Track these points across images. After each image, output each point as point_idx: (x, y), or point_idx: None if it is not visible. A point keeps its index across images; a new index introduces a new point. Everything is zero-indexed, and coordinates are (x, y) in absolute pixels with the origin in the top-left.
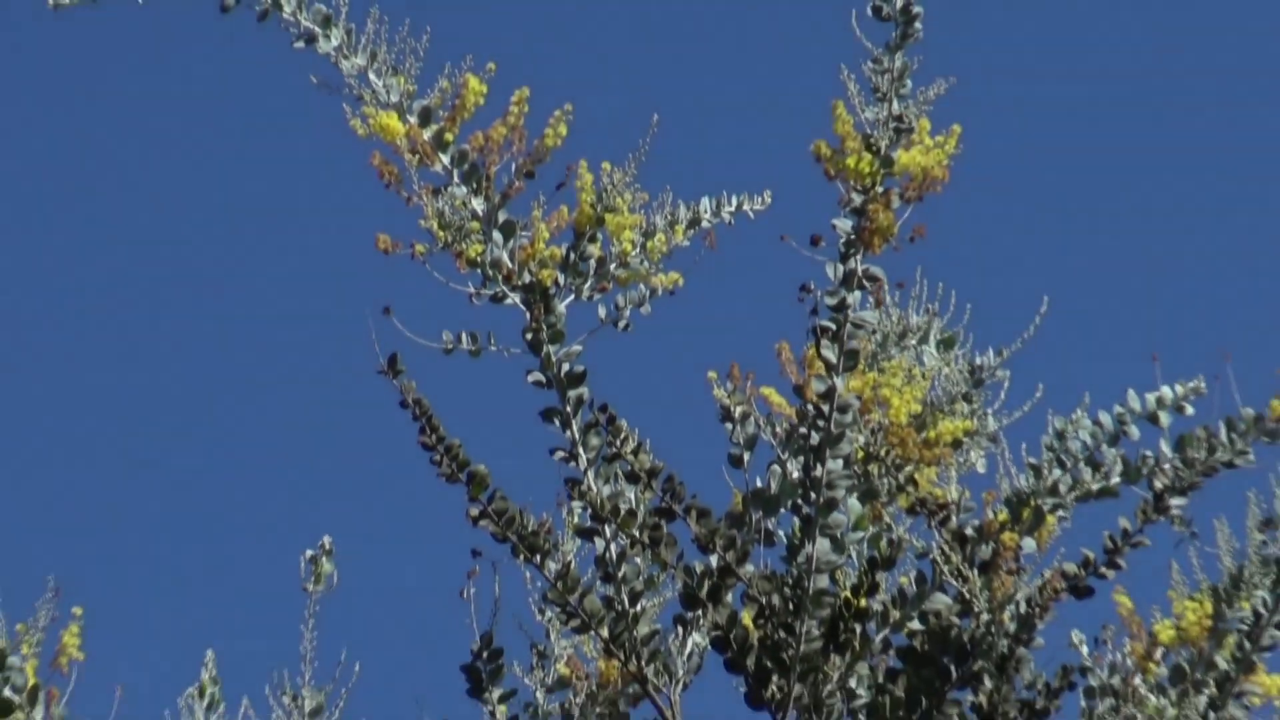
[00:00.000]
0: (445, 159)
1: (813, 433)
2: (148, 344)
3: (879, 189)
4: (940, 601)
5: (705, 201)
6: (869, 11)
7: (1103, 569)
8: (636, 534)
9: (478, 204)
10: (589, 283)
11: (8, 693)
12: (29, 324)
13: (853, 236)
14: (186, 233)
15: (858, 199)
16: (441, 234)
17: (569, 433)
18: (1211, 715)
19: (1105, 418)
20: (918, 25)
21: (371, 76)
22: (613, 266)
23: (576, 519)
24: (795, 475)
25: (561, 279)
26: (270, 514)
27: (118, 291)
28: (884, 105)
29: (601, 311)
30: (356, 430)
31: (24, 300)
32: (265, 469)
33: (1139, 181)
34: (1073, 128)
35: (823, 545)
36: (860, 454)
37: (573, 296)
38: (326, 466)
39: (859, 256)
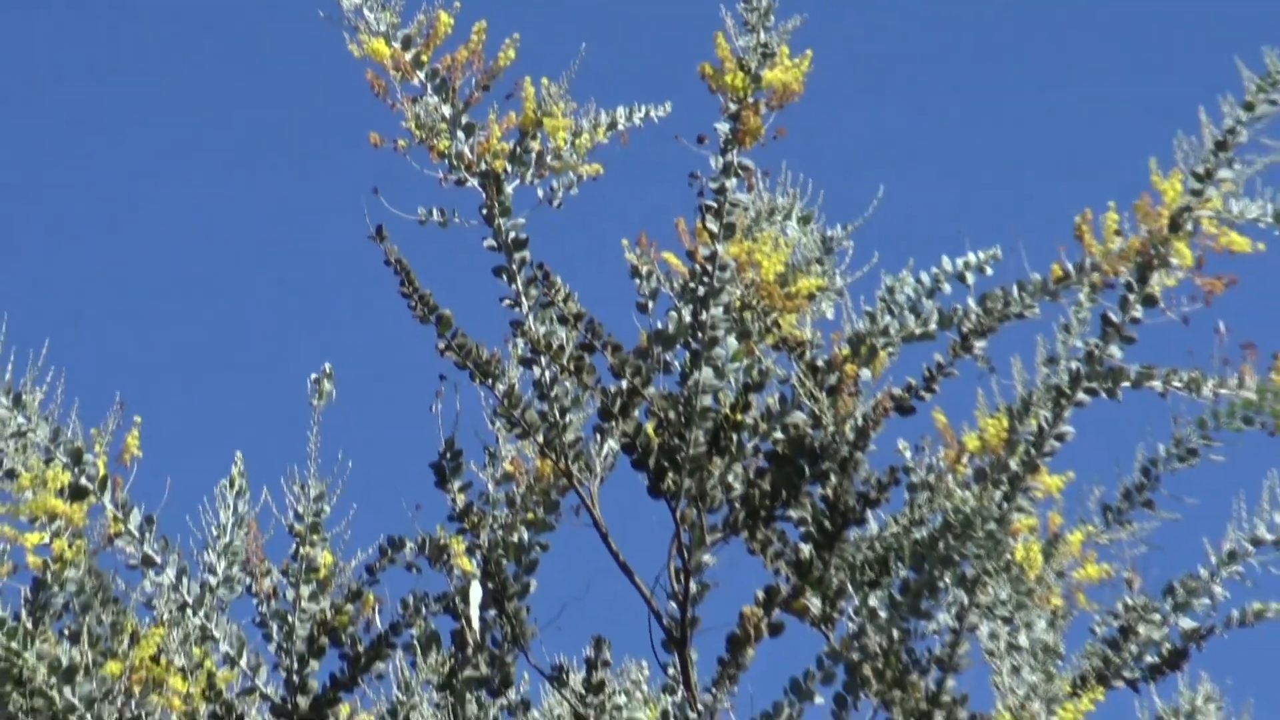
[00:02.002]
0: (421, 75)
1: (700, 286)
2: (203, 214)
3: (750, 100)
4: (797, 417)
5: (620, 109)
6: None
7: (922, 393)
8: (565, 363)
9: (446, 110)
10: (531, 171)
11: (84, 481)
12: (106, 195)
13: (730, 136)
14: (227, 130)
15: (733, 107)
16: (418, 132)
17: (514, 286)
18: (1005, 505)
19: (925, 277)
20: None
21: (365, 11)
22: (549, 158)
23: (519, 351)
24: (687, 319)
25: (510, 168)
26: (287, 347)
27: (175, 170)
28: (754, 35)
29: (540, 193)
30: (353, 284)
31: (97, 173)
32: (286, 314)
33: (957, 90)
34: (902, 50)
35: (707, 373)
36: (737, 303)
37: (518, 181)
38: (331, 311)
39: (735, 152)
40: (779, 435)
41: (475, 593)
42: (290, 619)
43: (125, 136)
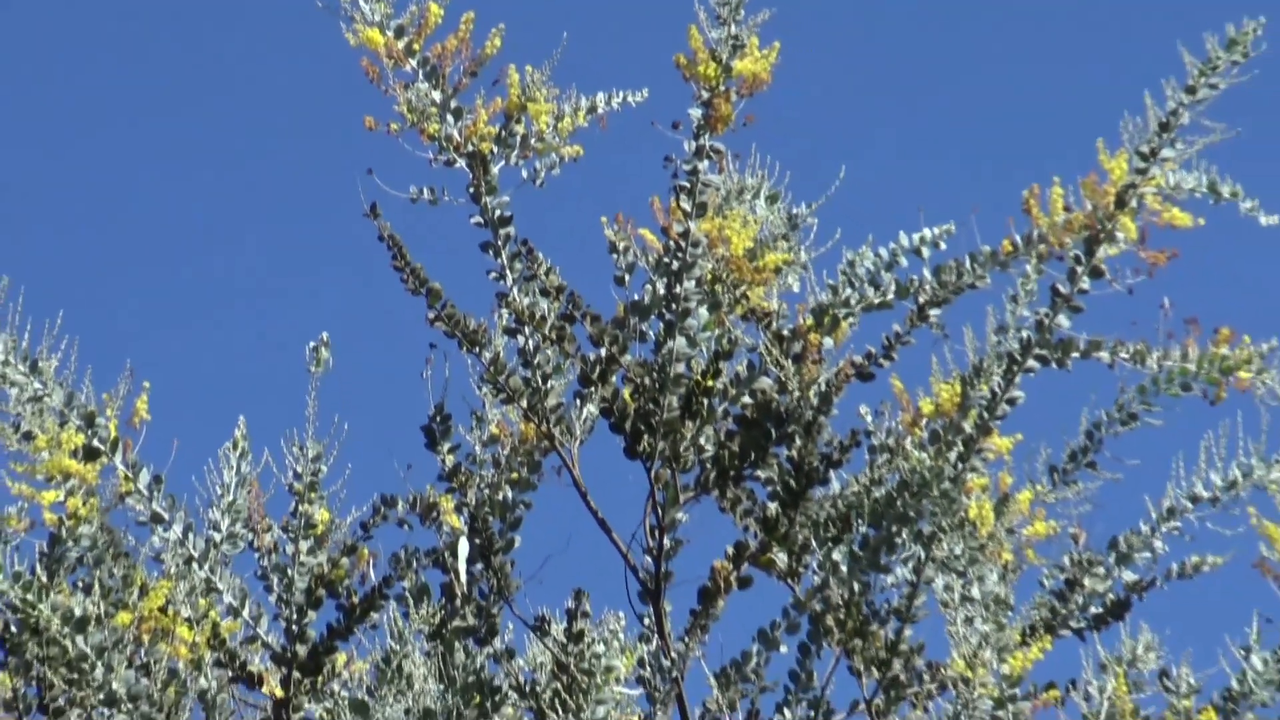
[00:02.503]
0: (413, 63)
1: (674, 261)
2: (209, 192)
3: (721, 88)
4: (765, 383)
5: (599, 95)
6: None
7: (881, 360)
8: (547, 333)
9: (436, 95)
10: (515, 152)
11: (96, 443)
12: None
13: (702, 122)
14: (232, 113)
15: (706, 95)
16: (410, 116)
17: (500, 260)
18: (960, 466)
19: (883, 251)
20: None
21: (360, 1)
22: (532, 141)
23: (504, 322)
24: (661, 291)
25: (495, 149)
26: (287, 318)
27: (182, 151)
28: (725, 28)
29: (524, 173)
30: (349, 258)
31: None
32: (286, 287)
33: (915, 76)
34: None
35: (680, 342)
36: (708, 276)
37: (503, 162)
38: (328, 284)
39: (707, 136)
40: (747, 400)
41: (463, 548)
42: (290, 572)
43: (134, 119)
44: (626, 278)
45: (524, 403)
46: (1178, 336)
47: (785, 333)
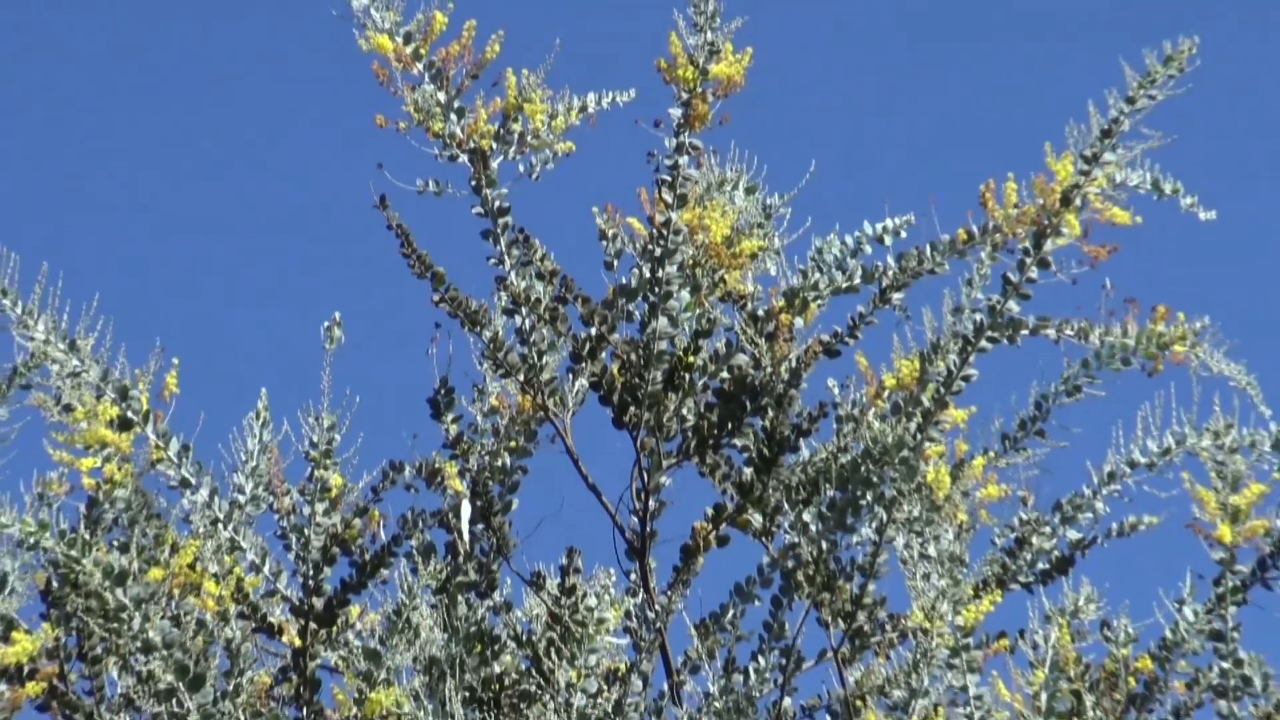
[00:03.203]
0: (419, 66)
1: (657, 248)
2: (234, 186)
3: (699, 90)
4: (741, 359)
5: (589, 96)
6: None
7: (847, 339)
8: (542, 313)
9: (440, 96)
10: (513, 148)
11: (130, 415)
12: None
13: (682, 121)
14: (253, 114)
15: (685, 96)
16: (417, 115)
17: (498, 247)
18: (919, 435)
19: (849, 239)
20: None
21: (371, 10)
22: (529, 138)
23: (503, 303)
24: (646, 275)
25: (495, 146)
26: (304, 299)
27: (206, 150)
28: (702, 35)
29: (521, 167)
30: (361, 245)
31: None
32: (304, 271)
33: (880, 76)
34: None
35: (664, 321)
36: (689, 262)
37: (502, 157)
38: (341, 268)
39: (686, 133)
40: (725, 375)
41: (465, 510)
42: (306, 532)
43: (166, 115)
44: (615, 263)
45: (521, 377)
46: (1118, 315)
47: (759, 313)
